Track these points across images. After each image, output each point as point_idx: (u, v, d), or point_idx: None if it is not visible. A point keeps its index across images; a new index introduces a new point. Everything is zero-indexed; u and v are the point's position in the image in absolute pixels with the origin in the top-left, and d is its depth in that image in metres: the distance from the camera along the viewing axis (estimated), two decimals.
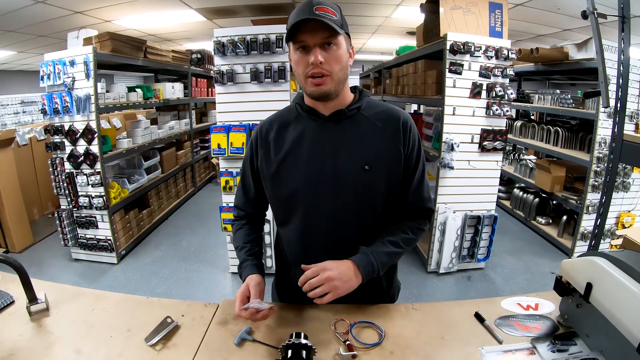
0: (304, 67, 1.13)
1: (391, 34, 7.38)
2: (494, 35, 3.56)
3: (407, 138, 1.24)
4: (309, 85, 1.15)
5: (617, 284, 0.95)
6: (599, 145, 3.90)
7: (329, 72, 1.12)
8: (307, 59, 1.11)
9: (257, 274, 1.24)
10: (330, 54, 1.12)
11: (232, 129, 3.41)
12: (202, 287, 3.68)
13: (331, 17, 1.09)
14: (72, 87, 3.65)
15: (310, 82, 1.14)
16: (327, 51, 1.11)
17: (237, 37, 3.33)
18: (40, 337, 1.16)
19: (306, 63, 1.12)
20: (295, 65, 1.16)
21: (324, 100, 1.20)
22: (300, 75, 1.16)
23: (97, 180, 3.79)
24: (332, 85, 1.15)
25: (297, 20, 1.07)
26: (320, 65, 1.10)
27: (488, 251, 3.86)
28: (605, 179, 2.51)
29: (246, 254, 1.32)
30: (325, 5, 1.09)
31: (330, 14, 1.09)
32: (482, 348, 1.09)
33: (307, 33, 1.09)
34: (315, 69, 1.11)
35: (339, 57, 1.13)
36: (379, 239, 1.26)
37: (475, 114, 3.52)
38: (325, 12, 1.08)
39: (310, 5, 1.08)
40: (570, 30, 5.65)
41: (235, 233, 1.41)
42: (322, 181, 1.20)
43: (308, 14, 1.06)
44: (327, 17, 1.07)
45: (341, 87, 1.19)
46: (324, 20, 1.06)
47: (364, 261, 1.18)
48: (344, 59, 1.15)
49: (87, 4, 4.82)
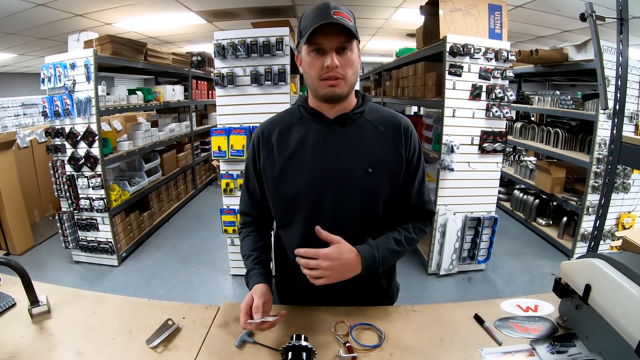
0: (318, 70, 1.14)
1: (391, 36, 7.40)
2: (494, 37, 3.57)
3: (409, 143, 1.26)
4: (322, 87, 1.16)
5: (616, 285, 0.96)
6: (598, 147, 3.90)
7: (343, 75, 1.14)
8: (322, 61, 1.12)
9: (263, 283, 1.23)
10: (345, 58, 1.13)
11: (232, 132, 3.42)
12: (203, 289, 3.69)
13: (348, 23, 1.10)
14: (72, 89, 3.66)
15: (325, 84, 1.15)
16: (342, 55, 1.13)
17: (237, 40, 3.34)
18: (42, 340, 1.16)
19: (320, 65, 1.13)
20: (307, 66, 1.17)
21: (335, 102, 1.21)
22: (314, 77, 1.16)
23: (97, 183, 3.80)
24: (345, 88, 1.17)
25: (318, 23, 1.08)
26: (336, 69, 1.12)
27: (488, 253, 3.86)
28: (604, 181, 2.51)
29: (253, 262, 1.30)
30: (342, 10, 1.11)
31: (347, 19, 1.10)
32: (482, 350, 1.10)
33: (324, 36, 1.10)
34: (330, 72, 1.13)
35: (353, 62, 1.15)
36: (384, 236, 1.26)
37: (475, 115, 3.53)
38: (342, 17, 1.09)
39: (328, 8, 1.10)
40: (570, 31, 5.67)
41: (243, 241, 1.39)
42: (326, 183, 1.21)
43: (328, 18, 1.08)
44: (345, 22, 1.09)
45: (351, 90, 1.21)
46: (345, 24, 1.08)
47: (368, 254, 1.18)
48: (356, 63, 1.18)
49: (88, 7, 4.84)
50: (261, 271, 1.28)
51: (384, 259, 1.20)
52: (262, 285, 1.21)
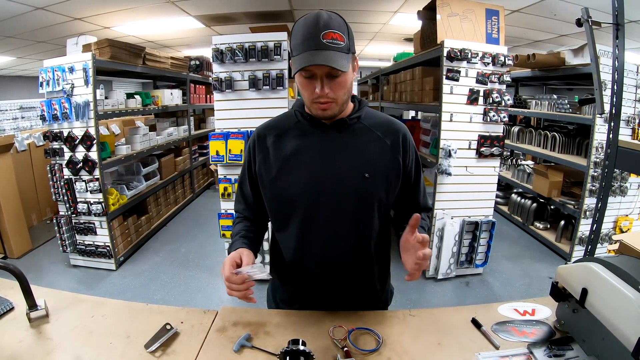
0: (310, 94, 1.14)
1: (389, 41, 7.41)
2: (491, 41, 3.59)
3: (407, 151, 1.29)
4: (314, 109, 1.18)
5: (612, 289, 0.96)
6: (596, 150, 3.92)
7: (334, 99, 1.14)
8: (313, 85, 1.12)
9: (247, 249, 1.22)
10: (337, 82, 1.12)
11: (230, 136, 3.43)
12: (201, 293, 3.68)
13: (339, 45, 1.07)
14: (71, 93, 3.66)
15: (316, 107, 1.16)
16: (334, 80, 1.11)
17: (235, 45, 3.35)
18: (40, 344, 1.16)
19: (312, 90, 1.12)
20: (300, 87, 1.17)
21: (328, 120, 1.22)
22: (306, 98, 1.17)
23: (95, 187, 3.79)
24: (337, 109, 1.17)
25: (305, 64, 1.06)
26: (327, 95, 1.12)
27: (486, 257, 3.86)
28: (601, 185, 2.52)
29: (239, 236, 1.30)
30: (333, 30, 1.07)
31: (338, 40, 1.07)
32: (479, 354, 1.10)
33: (314, 65, 1.08)
34: (321, 99, 1.13)
35: (345, 83, 1.14)
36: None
37: (472, 120, 3.55)
38: (333, 40, 1.06)
39: (318, 30, 1.06)
40: (567, 35, 5.70)
41: (235, 227, 1.39)
42: (322, 187, 1.22)
43: (315, 46, 1.05)
44: (334, 47, 1.06)
45: (344, 107, 1.21)
46: (332, 64, 1.05)
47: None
48: (349, 81, 1.16)
49: (87, 11, 4.84)
50: (246, 241, 1.28)
51: None
52: (246, 249, 1.21)
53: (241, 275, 1.09)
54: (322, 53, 1.05)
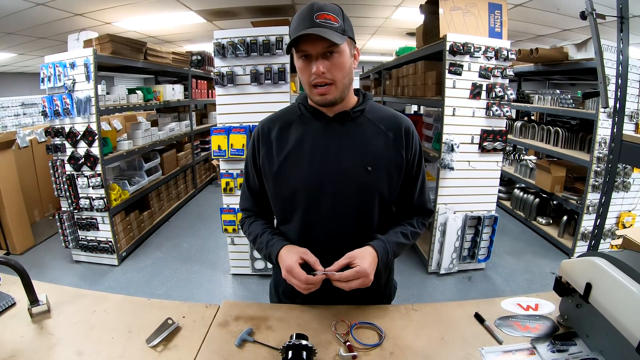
0: (308, 76, 1.14)
1: (391, 35, 7.38)
2: (494, 35, 3.56)
3: (410, 145, 1.28)
4: (314, 94, 1.17)
5: (616, 284, 0.96)
6: (599, 145, 3.90)
7: (332, 80, 1.13)
8: (311, 67, 1.12)
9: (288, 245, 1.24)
10: (333, 62, 1.12)
11: (232, 131, 3.42)
12: (203, 288, 3.69)
13: (332, 25, 1.08)
14: (72, 89, 3.66)
15: (315, 92, 1.15)
16: (330, 59, 1.11)
17: (237, 39, 3.34)
18: (42, 339, 1.16)
19: (310, 72, 1.13)
20: (299, 71, 1.17)
21: (329, 107, 1.22)
22: (305, 82, 1.17)
23: (97, 182, 3.79)
24: (337, 93, 1.16)
25: (299, 33, 1.07)
26: (323, 75, 1.11)
27: (488, 252, 3.86)
28: (605, 180, 2.51)
29: (269, 234, 1.31)
30: (327, 12, 1.09)
31: (332, 21, 1.08)
32: (482, 348, 1.10)
33: (308, 43, 1.09)
34: (318, 79, 1.12)
35: (342, 65, 1.13)
36: (392, 230, 1.30)
37: (475, 114, 3.53)
38: (326, 20, 1.08)
39: (311, 12, 1.08)
40: (570, 30, 5.66)
41: (250, 227, 1.39)
42: (325, 180, 1.22)
43: (309, 25, 1.07)
44: (328, 26, 1.07)
45: (346, 93, 1.21)
46: (324, 35, 1.05)
47: (382, 250, 1.20)
48: (347, 65, 1.15)
49: (88, 6, 4.83)
50: (282, 237, 1.30)
51: (394, 253, 1.24)
52: (291, 245, 1.24)
53: (321, 275, 1.12)
54: (314, 29, 1.06)
